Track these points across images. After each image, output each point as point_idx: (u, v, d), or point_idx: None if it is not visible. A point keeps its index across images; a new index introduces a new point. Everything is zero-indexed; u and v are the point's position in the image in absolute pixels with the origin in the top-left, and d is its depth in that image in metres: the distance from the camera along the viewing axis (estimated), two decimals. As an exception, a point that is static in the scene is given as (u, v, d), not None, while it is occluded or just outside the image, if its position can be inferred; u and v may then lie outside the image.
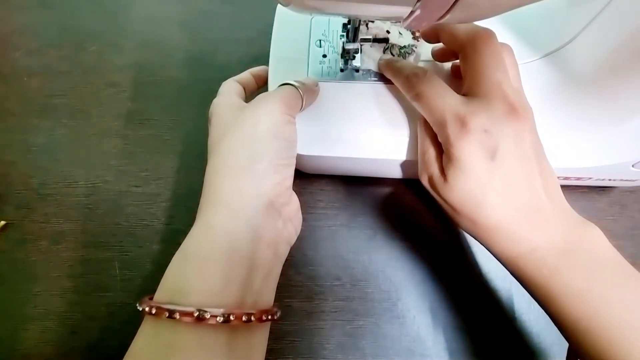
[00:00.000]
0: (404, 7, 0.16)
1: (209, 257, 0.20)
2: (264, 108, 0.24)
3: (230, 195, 0.22)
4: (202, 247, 0.21)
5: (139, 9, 0.44)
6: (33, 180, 0.35)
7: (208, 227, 0.22)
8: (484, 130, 0.21)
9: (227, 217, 0.21)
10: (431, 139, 0.25)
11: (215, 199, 0.22)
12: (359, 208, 0.34)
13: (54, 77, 0.40)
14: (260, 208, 0.22)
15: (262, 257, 0.22)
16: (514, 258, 0.22)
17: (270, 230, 0.22)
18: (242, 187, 0.22)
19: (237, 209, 0.22)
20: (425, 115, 0.24)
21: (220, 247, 0.21)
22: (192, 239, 0.22)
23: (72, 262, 0.32)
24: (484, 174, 0.22)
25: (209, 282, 0.20)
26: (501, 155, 0.21)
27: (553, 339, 0.30)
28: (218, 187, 0.22)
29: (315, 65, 0.32)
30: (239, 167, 0.22)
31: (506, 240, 0.22)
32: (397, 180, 0.34)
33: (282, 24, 0.33)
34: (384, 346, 0.30)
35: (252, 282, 0.21)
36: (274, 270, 0.23)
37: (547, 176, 0.23)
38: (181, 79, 0.40)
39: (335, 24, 0.33)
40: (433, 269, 0.32)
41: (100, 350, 0.29)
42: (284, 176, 0.24)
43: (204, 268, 0.20)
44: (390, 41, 0.30)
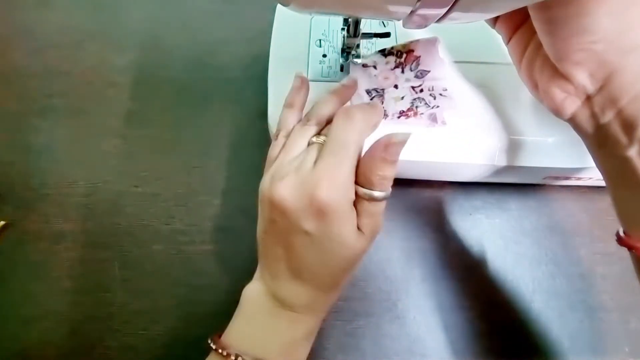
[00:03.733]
0: (404, 7, 0.16)
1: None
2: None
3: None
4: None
5: (139, 9, 0.44)
6: (33, 180, 0.35)
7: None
8: None
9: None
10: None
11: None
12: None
13: (54, 77, 0.40)
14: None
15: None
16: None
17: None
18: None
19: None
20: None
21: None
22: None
23: (72, 262, 0.32)
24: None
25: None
26: None
27: (553, 339, 0.30)
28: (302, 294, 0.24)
29: (315, 65, 0.32)
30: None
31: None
32: (397, 181, 0.34)
33: (282, 24, 0.33)
34: (384, 346, 0.30)
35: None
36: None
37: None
38: (181, 79, 0.40)
39: (335, 23, 0.33)
40: (433, 270, 0.32)
41: (100, 350, 0.29)
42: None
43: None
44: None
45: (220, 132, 0.37)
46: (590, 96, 0.19)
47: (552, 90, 0.21)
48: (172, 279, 0.31)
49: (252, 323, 0.24)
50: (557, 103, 0.21)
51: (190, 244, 0.32)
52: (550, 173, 0.31)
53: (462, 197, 0.34)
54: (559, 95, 0.20)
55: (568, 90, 0.20)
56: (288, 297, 0.23)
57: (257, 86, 0.36)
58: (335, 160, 0.21)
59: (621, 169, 0.19)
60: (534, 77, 0.22)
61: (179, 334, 0.30)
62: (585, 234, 0.33)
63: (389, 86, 0.29)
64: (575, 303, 0.31)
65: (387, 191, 0.22)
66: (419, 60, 0.29)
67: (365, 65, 0.30)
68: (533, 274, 0.32)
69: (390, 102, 0.29)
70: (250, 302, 0.24)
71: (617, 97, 0.18)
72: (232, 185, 0.35)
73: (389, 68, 0.30)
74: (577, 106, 0.20)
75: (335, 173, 0.21)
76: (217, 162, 0.36)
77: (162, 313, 0.30)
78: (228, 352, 0.22)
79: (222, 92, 0.38)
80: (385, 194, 0.22)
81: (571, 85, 0.20)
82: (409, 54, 0.29)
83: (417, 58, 0.29)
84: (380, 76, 0.29)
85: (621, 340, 0.30)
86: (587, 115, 0.20)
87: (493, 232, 0.33)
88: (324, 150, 0.22)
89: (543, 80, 0.21)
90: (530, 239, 0.33)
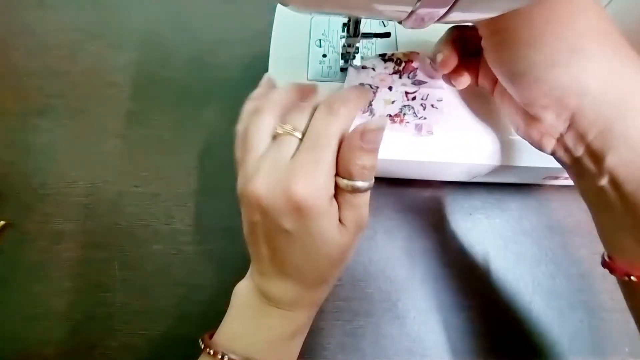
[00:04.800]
0: (404, 6, 0.16)
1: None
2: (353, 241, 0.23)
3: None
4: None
5: (138, 8, 0.44)
6: (33, 180, 0.35)
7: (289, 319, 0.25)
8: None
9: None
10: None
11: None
12: (359, 208, 0.34)
13: (54, 77, 0.40)
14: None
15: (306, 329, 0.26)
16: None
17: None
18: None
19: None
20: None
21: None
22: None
23: (72, 262, 0.32)
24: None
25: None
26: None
27: (554, 339, 0.30)
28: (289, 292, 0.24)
29: (315, 65, 0.32)
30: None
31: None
32: (397, 181, 0.34)
33: (282, 24, 0.33)
34: (384, 346, 0.30)
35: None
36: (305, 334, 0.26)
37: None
38: (181, 79, 0.40)
39: (335, 24, 0.33)
40: (433, 270, 0.32)
41: (100, 350, 0.29)
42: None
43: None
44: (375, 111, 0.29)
45: (220, 132, 0.37)
46: (562, 134, 0.21)
47: (529, 132, 0.23)
48: (172, 279, 0.31)
49: (241, 321, 0.24)
50: (537, 142, 0.23)
51: (190, 244, 0.32)
52: (550, 173, 0.31)
53: (462, 197, 0.34)
54: (537, 135, 0.22)
55: (542, 130, 0.22)
56: (276, 294, 0.23)
57: (256, 86, 0.36)
58: (315, 155, 0.20)
59: (598, 197, 0.21)
60: (515, 121, 0.24)
61: (179, 333, 0.30)
62: (585, 234, 0.33)
63: (383, 87, 0.29)
64: (575, 303, 0.31)
65: (369, 181, 0.21)
66: (416, 72, 0.29)
67: (364, 67, 0.30)
68: (533, 274, 0.32)
69: (380, 103, 0.29)
70: (240, 300, 0.25)
71: (583, 133, 0.20)
72: (232, 185, 0.34)
73: (387, 72, 0.30)
74: (553, 143, 0.22)
75: (313, 168, 0.20)
76: (217, 162, 0.36)
77: (162, 313, 0.30)
78: (215, 351, 0.22)
79: (222, 92, 0.38)
80: (368, 185, 0.21)
81: (543, 125, 0.21)
82: (408, 64, 0.30)
83: (415, 70, 0.29)
84: (377, 78, 0.30)
85: (621, 340, 0.30)
86: (563, 151, 0.22)
87: (493, 232, 0.33)
88: (303, 145, 0.21)
89: (522, 123, 0.23)
90: (530, 239, 0.33)
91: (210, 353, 0.22)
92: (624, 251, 0.21)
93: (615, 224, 0.21)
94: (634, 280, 0.20)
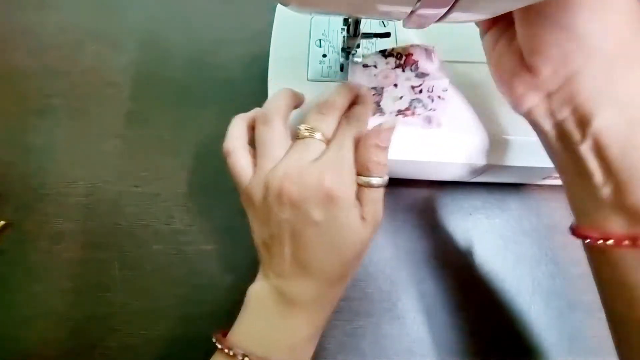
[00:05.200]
0: (404, 7, 0.16)
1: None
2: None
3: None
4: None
5: (138, 8, 0.44)
6: (33, 180, 0.35)
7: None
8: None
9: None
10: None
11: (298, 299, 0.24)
12: (359, 208, 0.34)
13: (54, 77, 0.40)
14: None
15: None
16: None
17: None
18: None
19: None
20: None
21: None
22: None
23: (72, 262, 0.32)
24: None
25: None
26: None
27: (554, 340, 0.30)
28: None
29: (315, 65, 0.32)
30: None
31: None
32: (397, 181, 0.34)
33: (282, 24, 0.33)
34: (384, 346, 0.30)
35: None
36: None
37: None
38: (181, 79, 0.40)
39: (335, 23, 0.33)
40: (433, 269, 0.32)
41: (100, 350, 0.29)
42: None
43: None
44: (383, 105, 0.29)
45: (220, 132, 0.36)
46: (550, 93, 0.21)
47: (514, 83, 0.22)
48: (172, 279, 0.31)
49: (258, 322, 0.24)
50: (517, 96, 0.22)
51: (190, 244, 0.32)
52: (550, 173, 0.31)
53: (462, 197, 0.34)
54: (520, 89, 0.22)
55: (530, 85, 0.21)
56: (295, 293, 0.23)
57: (257, 86, 0.36)
58: (339, 152, 0.23)
59: (574, 163, 0.21)
60: (500, 71, 0.23)
61: (179, 334, 0.30)
62: (585, 234, 0.33)
63: (389, 85, 0.29)
64: (575, 303, 0.31)
65: (384, 177, 0.24)
66: (417, 65, 0.29)
67: (365, 65, 0.30)
68: (533, 274, 0.32)
69: (389, 101, 0.29)
70: (256, 301, 0.25)
71: (574, 95, 0.20)
72: (232, 185, 0.35)
73: (389, 68, 0.30)
74: (535, 101, 0.21)
75: (341, 164, 0.23)
76: (217, 162, 0.35)
77: (162, 313, 0.30)
78: (235, 352, 0.22)
79: (222, 92, 0.38)
80: (383, 181, 0.24)
81: (534, 79, 0.21)
82: (408, 57, 0.30)
83: (416, 62, 0.29)
84: (380, 75, 0.29)
85: (621, 340, 0.30)
86: (544, 111, 0.21)
87: (493, 232, 0.33)
88: (329, 146, 0.24)
89: (508, 73, 0.22)
90: (530, 239, 0.33)
91: (229, 354, 0.22)
92: (597, 219, 0.21)
93: (590, 191, 0.20)
94: (608, 245, 0.20)
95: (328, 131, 0.25)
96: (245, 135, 0.27)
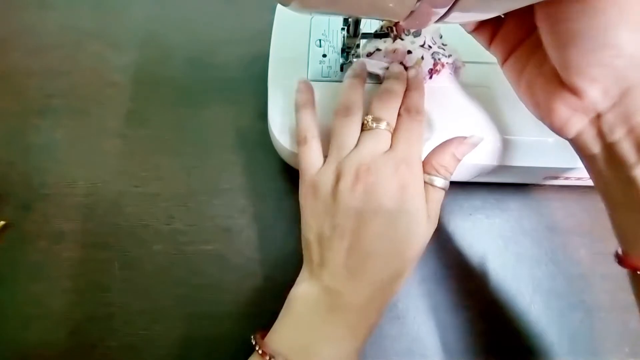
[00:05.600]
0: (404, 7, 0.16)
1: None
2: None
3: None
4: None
5: (138, 8, 0.44)
6: (33, 180, 0.35)
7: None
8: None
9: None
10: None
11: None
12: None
13: (54, 77, 0.40)
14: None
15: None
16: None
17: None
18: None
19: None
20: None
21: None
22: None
23: (72, 262, 0.32)
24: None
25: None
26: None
27: (553, 339, 0.30)
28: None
29: (315, 65, 0.32)
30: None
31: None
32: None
33: (282, 24, 0.33)
34: (384, 346, 0.30)
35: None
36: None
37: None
38: (181, 79, 0.40)
39: (335, 23, 0.33)
40: (433, 269, 0.32)
41: (101, 350, 0.29)
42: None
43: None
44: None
45: (220, 132, 0.37)
46: (600, 114, 0.19)
47: (555, 108, 0.20)
48: (172, 279, 0.31)
49: (302, 329, 0.23)
50: (561, 121, 0.20)
51: (190, 244, 0.32)
52: (550, 173, 0.31)
53: (462, 197, 0.34)
54: (564, 113, 0.20)
55: (576, 108, 0.20)
56: (347, 293, 0.23)
57: (257, 86, 0.36)
58: (410, 147, 0.25)
59: (622, 188, 0.19)
60: (535, 97, 0.22)
61: (179, 334, 0.30)
62: (585, 234, 0.33)
63: (402, 56, 0.30)
64: (575, 303, 0.31)
65: (447, 181, 0.25)
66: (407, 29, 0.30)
67: (369, 54, 0.30)
68: (533, 274, 0.32)
69: (414, 70, 0.29)
70: (302, 304, 0.24)
71: (631, 113, 0.18)
72: (232, 185, 0.35)
73: (389, 43, 0.30)
74: (583, 124, 0.20)
75: (413, 157, 0.24)
76: (217, 162, 0.36)
77: (162, 313, 0.30)
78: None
79: (222, 92, 0.38)
80: (445, 183, 0.25)
81: (581, 101, 0.19)
82: (397, 25, 0.30)
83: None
84: (388, 55, 0.30)
85: (621, 340, 0.30)
86: (593, 134, 0.20)
87: (493, 232, 0.33)
88: (399, 139, 0.25)
89: (546, 98, 0.21)
90: (530, 239, 0.33)
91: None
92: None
93: (639, 217, 0.19)
94: None
95: (392, 120, 0.26)
96: (317, 125, 0.27)
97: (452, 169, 0.25)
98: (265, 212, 0.33)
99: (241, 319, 0.30)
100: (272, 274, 0.31)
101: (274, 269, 0.31)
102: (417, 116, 0.26)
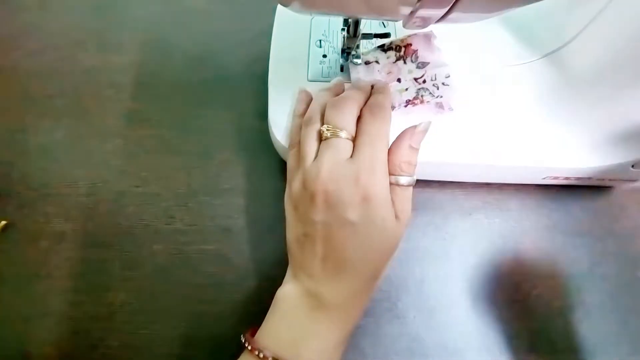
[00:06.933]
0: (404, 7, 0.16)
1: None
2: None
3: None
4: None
5: (138, 8, 0.44)
6: (33, 180, 0.35)
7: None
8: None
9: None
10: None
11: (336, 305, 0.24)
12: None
13: (54, 77, 0.40)
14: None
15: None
16: None
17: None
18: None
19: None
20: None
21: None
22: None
23: (72, 261, 0.32)
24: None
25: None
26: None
27: (554, 339, 0.30)
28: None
29: (315, 65, 0.32)
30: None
31: None
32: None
33: (282, 24, 0.33)
34: (384, 346, 0.30)
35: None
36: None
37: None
38: (181, 79, 0.40)
39: (335, 24, 0.33)
40: (433, 269, 0.32)
41: (101, 350, 0.29)
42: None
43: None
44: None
45: (220, 132, 0.37)
46: None
47: None
48: (172, 279, 0.31)
49: (289, 325, 0.24)
50: None
51: (191, 244, 0.32)
52: (550, 173, 0.31)
53: (462, 197, 0.34)
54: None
55: None
56: (326, 295, 0.23)
57: (257, 86, 0.36)
58: (373, 153, 0.23)
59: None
60: None
61: (179, 333, 0.30)
62: (585, 234, 0.33)
63: (392, 80, 0.29)
64: (576, 303, 0.31)
65: (413, 177, 0.24)
66: (417, 54, 0.30)
67: (367, 62, 0.30)
68: (533, 274, 0.32)
69: (396, 95, 0.29)
70: (287, 304, 0.24)
71: None
72: (232, 185, 0.35)
73: (390, 62, 0.30)
74: None
75: (375, 163, 0.23)
76: (217, 162, 0.36)
77: (163, 313, 0.31)
78: (265, 355, 0.22)
79: (222, 92, 0.39)
80: (412, 180, 0.24)
81: None
82: (408, 47, 0.30)
83: (415, 51, 0.30)
84: (383, 71, 0.30)
85: (621, 340, 0.30)
86: None
87: (493, 232, 0.33)
88: (360, 144, 0.24)
89: None
90: (530, 239, 0.33)
91: (259, 356, 0.22)
92: None
93: None
94: None
95: (350, 126, 0.24)
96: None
97: (414, 161, 0.24)
98: (265, 212, 0.33)
99: (241, 319, 0.30)
100: (272, 274, 0.31)
101: (274, 269, 0.31)
102: (380, 113, 0.24)
